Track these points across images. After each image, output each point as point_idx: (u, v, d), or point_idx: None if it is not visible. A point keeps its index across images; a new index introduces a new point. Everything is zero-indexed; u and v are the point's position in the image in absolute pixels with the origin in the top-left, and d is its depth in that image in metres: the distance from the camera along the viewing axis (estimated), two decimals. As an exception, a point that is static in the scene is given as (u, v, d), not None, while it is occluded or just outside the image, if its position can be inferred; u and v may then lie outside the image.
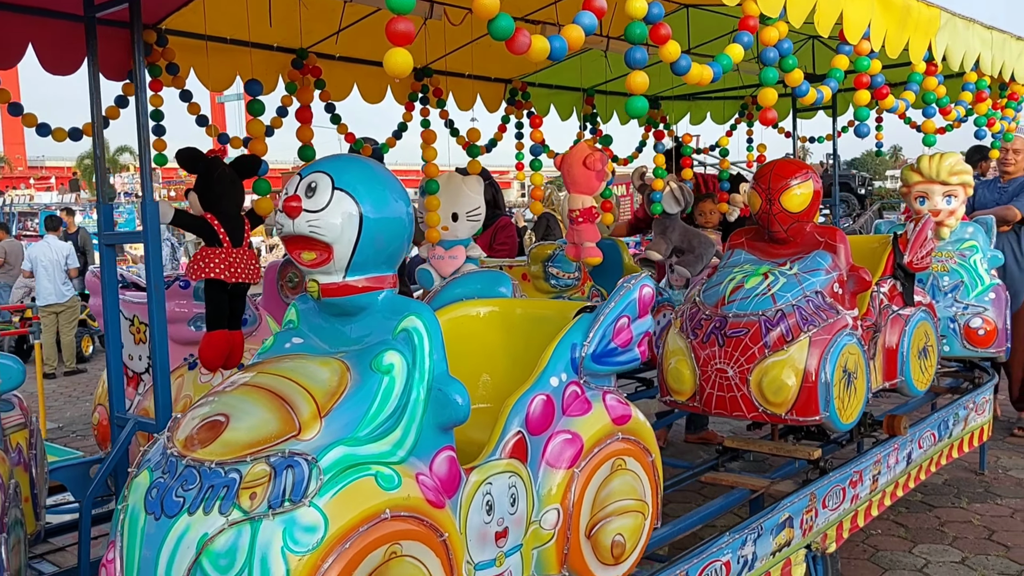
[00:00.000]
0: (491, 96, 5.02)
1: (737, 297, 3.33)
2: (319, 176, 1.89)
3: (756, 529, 2.94)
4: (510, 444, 2.05)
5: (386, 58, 1.73)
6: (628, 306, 2.31)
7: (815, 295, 3.25)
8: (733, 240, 3.71)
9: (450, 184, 3.65)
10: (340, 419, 1.75)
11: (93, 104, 2.72)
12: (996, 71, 3.88)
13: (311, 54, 4.04)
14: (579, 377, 2.25)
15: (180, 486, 1.70)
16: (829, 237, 3.43)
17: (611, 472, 2.24)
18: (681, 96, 6.07)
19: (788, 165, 3.51)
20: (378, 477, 1.72)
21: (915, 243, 3.86)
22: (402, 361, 1.83)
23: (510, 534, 2.02)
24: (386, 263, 1.95)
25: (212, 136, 3.91)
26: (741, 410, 3.24)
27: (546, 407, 2.14)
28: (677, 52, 2.24)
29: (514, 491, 2.03)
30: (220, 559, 1.59)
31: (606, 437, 2.24)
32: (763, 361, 3.16)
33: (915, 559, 4.24)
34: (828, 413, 3.15)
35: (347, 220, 1.85)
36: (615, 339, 2.28)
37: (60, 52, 3.34)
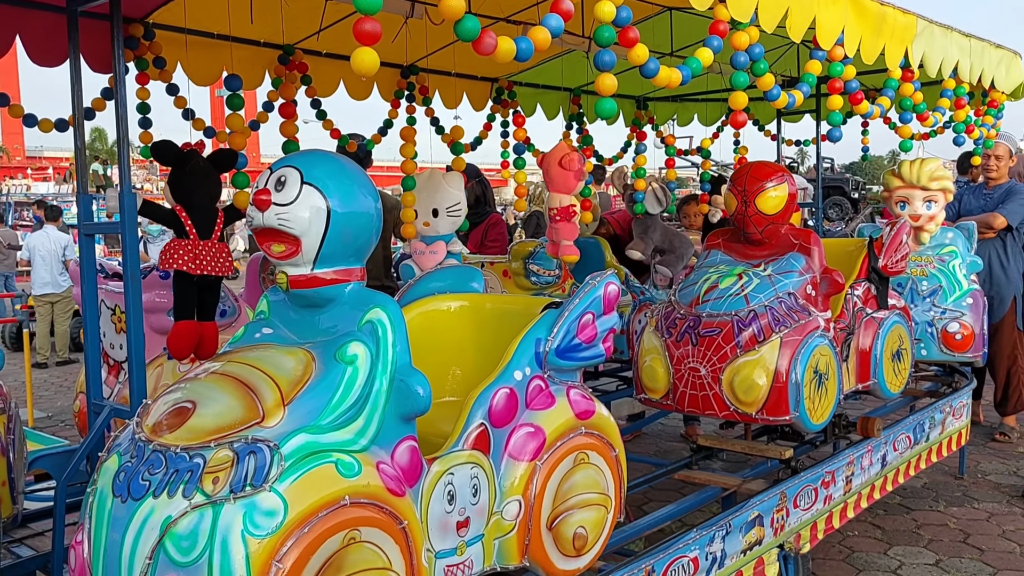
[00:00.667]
0: (477, 95, 5.07)
1: (711, 297, 3.37)
2: (289, 170, 1.94)
3: (724, 526, 2.97)
4: (472, 436, 2.09)
5: (353, 57, 1.78)
6: (593, 303, 2.35)
7: (788, 296, 3.29)
8: (710, 241, 3.75)
9: (431, 181, 3.69)
10: (303, 407, 1.79)
11: (74, 96, 2.76)
12: (975, 78, 3.92)
13: (297, 50, 4.08)
14: (543, 372, 2.29)
15: (147, 470, 1.75)
16: (803, 239, 3.46)
17: (574, 465, 2.28)
18: (668, 97, 6.11)
19: (764, 168, 3.54)
20: (338, 464, 1.76)
21: (890, 247, 3.88)
22: (366, 352, 1.87)
23: (472, 524, 2.06)
24: (354, 256, 2.00)
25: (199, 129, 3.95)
26: (713, 409, 3.28)
27: (509, 400, 2.18)
28: (645, 55, 2.28)
29: (476, 482, 2.07)
30: (183, 541, 1.63)
31: (569, 431, 2.28)
32: (735, 361, 3.20)
33: (890, 560, 4.28)
34: (798, 413, 3.19)
35: (315, 214, 1.90)
36: (579, 335, 2.32)
37: (46, 44, 3.37)
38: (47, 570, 2.80)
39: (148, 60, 3.60)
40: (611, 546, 2.96)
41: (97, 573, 1.76)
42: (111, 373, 3.48)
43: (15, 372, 7.49)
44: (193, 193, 2.98)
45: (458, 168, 4.14)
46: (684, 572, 2.80)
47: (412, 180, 3.66)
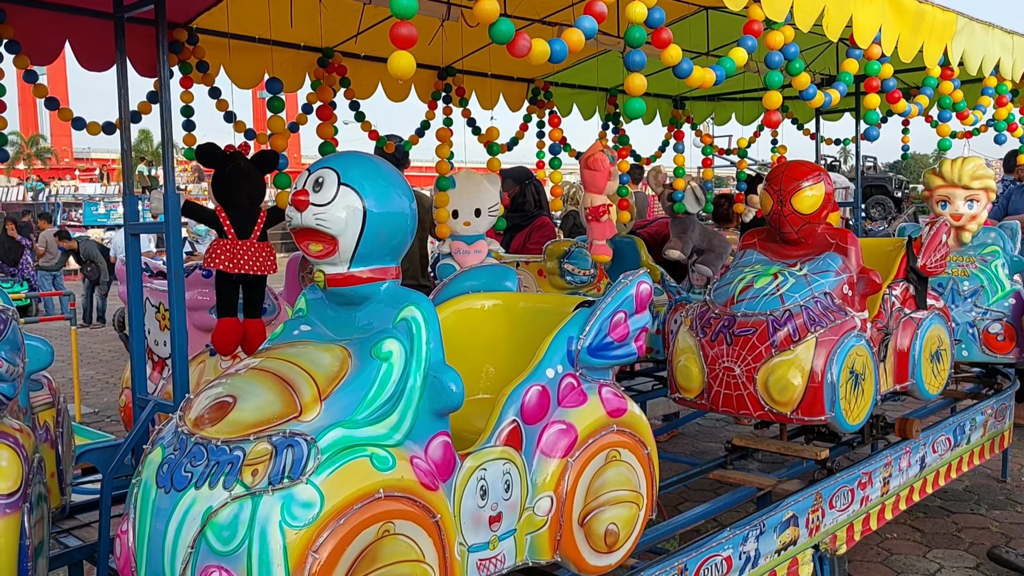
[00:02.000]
0: (514, 95, 5.10)
1: (746, 297, 3.36)
2: (326, 172, 2.00)
3: (759, 526, 2.97)
4: (505, 432, 2.12)
5: (390, 60, 1.82)
6: (625, 302, 2.38)
7: (824, 296, 3.27)
8: (746, 240, 3.74)
9: (471, 181, 3.74)
10: (339, 402, 1.84)
11: (121, 100, 2.84)
12: (1017, 75, 3.86)
13: (336, 53, 4.15)
14: (575, 369, 2.32)
15: (189, 462, 1.81)
16: (840, 239, 3.44)
17: (605, 463, 2.31)
18: (706, 96, 6.09)
19: (800, 167, 3.52)
20: (373, 458, 1.80)
21: (929, 247, 3.84)
22: (400, 349, 1.91)
23: (504, 519, 2.10)
24: (389, 255, 2.05)
25: (240, 131, 4.03)
26: (747, 408, 3.27)
27: (541, 398, 2.21)
28: (679, 55, 2.29)
29: (508, 477, 2.11)
30: (223, 531, 1.69)
31: (601, 428, 2.30)
32: (770, 360, 3.19)
33: (929, 564, 4.23)
34: (834, 414, 3.17)
35: (352, 214, 1.95)
36: (611, 333, 2.35)
37: (95, 49, 3.48)
38: (93, 559, 2.88)
39: (192, 64, 3.69)
40: (645, 544, 2.98)
41: (141, 562, 1.82)
42: (155, 369, 3.57)
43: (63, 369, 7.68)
44: (232, 194, 3.05)
45: (493, 168, 4.18)
46: (717, 571, 2.80)
47: (447, 180, 3.71)
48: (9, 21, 3.23)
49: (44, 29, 3.37)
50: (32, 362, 2.62)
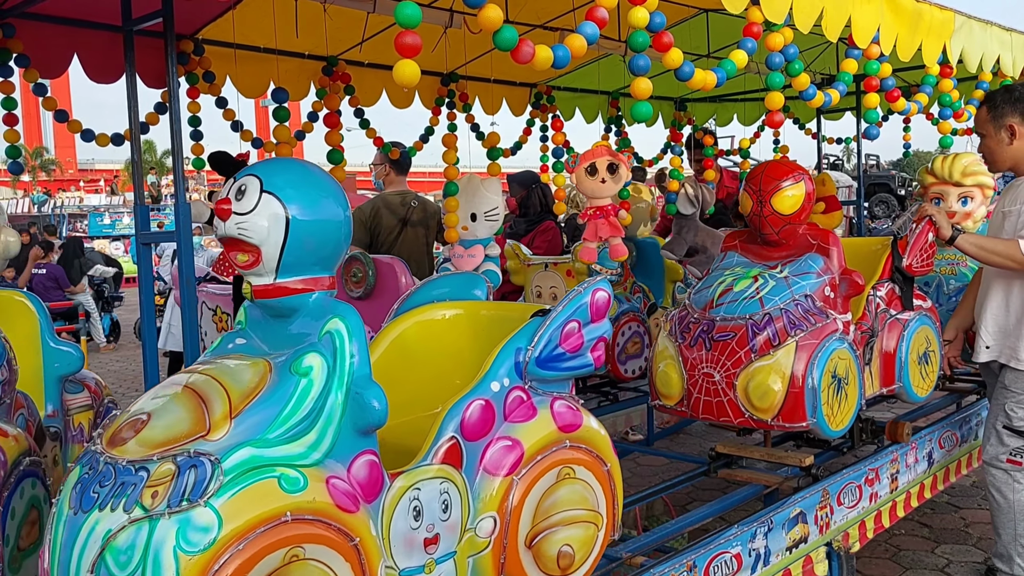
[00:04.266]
0: (516, 100, 5.14)
1: (725, 300, 3.27)
2: (250, 179, 1.91)
3: (766, 523, 2.98)
4: (443, 450, 2.02)
5: (395, 69, 1.86)
6: (578, 310, 2.26)
7: (804, 299, 3.19)
8: (727, 242, 3.64)
9: (469, 186, 3.76)
10: (250, 420, 1.76)
11: (131, 111, 2.88)
12: (1018, 72, 3.88)
13: (341, 61, 4.19)
14: (524, 382, 2.20)
15: (98, 482, 1.73)
16: (822, 240, 3.36)
17: (557, 481, 2.19)
18: (707, 98, 6.13)
19: (779, 166, 3.43)
20: (282, 479, 1.72)
21: (915, 246, 3.69)
22: (322, 363, 1.83)
23: (442, 540, 2.00)
24: (319, 265, 1.96)
25: (247, 140, 4.08)
26: (728, 415, 3.18)
27: (484, 412, 2.10)
28: (680, 59, 2.32)
29: (446, 497, 2.01)
30: (120, 555, 1.61)
31: (551, 445, 2.18)
32: (749, 366, 3.10)
33: (937, 559, 4.25)
34: (815, 419, 3.09)
35: (274, 222, 1.87)
36: (563, 344, 2.23)
37: (103, 61, 3.54)
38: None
39: (198, 75, 3.75)
40: (653, 543, 3.01)
41: None
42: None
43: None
44: None
45: (494, 173, 4.21)
46: (727, 568, 2.82)
47: (454, 185, 3.75)
48: (18, 35, 3.28)
49: (53, 43, 3.43)
50: (62, 366, 2.81)
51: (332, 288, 1.99)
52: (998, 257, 3.47)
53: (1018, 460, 3.54)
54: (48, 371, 2.82)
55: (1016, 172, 3.65)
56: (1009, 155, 3.57)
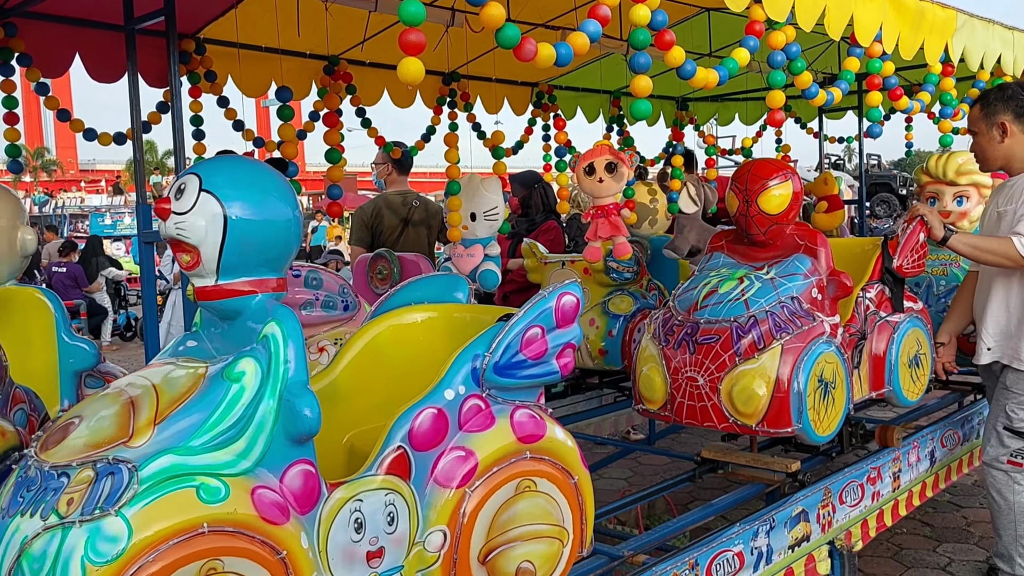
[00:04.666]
0: (518, 99, 5.14)
1: (710, 302, 3.19)
2: (189, 178, 1.86)
3: (768, 521, 2.98)
4: (388, 460, 1.94)
5: (400, 67, 1.86)
6: (542, 315, 2.14)
7: (791, 301, 3.10)
8: (713, 242, 3.56)
9: (469, 185, 3.76)
10: (174, 427, 1.70)
11: (133, 110, 2.89)
12: (1018, 71, 3.88)
13: (342, 60, 4.19)
14: (482, 390, 2.09)
15: (26, 487, 1.71)
16: (809, 240, 3.27)
17: (516, 494, 2.08)
18: (709, 97, 6.13)
19: (766, 165, 3.34)
20: (201, 489, 1.65)
21: (905, 247, 3.59)
22: (256, 369, 1.76)
23: (387, 554, 1.92)
24: (265, 266, 1.90)
25: (249, 139, 4.09)
26: (712, 420, 3.09)
27: (436, 421, 2.01)
28: (682, 57, 2.32)
29: (392, 510, 1.93)
30: (35, 562, 1.59)
31: (509, 456, 2.07)
32: (734, 369, 3.01)
33: (939, 558, 4.25)
34: (801, 425, 2.99)
35: (211, 222, 1.81)
36: (524, 350, 2.12)
37: (105, 61, 3.54)
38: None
39: (200, 74, 3.75)
40: (655, 542, 3.01)
41: None
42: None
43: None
44: None
45: (499, 172, 4.22)
46: (729, 566, 2.82)
47: (456, 184, 3.75)
48: (20, 35, 3.28)
49: (55, 42, 3.43)
50: (77, 362, 2.85)
51: (279, 290, 1.93)
52: (992, 256, 3.44)
53: (1019, 462, 3.52)
54: (64, 366, 2.85)
55: (1008, 171, 3.61)
56: (1000, 153, 3.53)
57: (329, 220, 19.42)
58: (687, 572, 2.66)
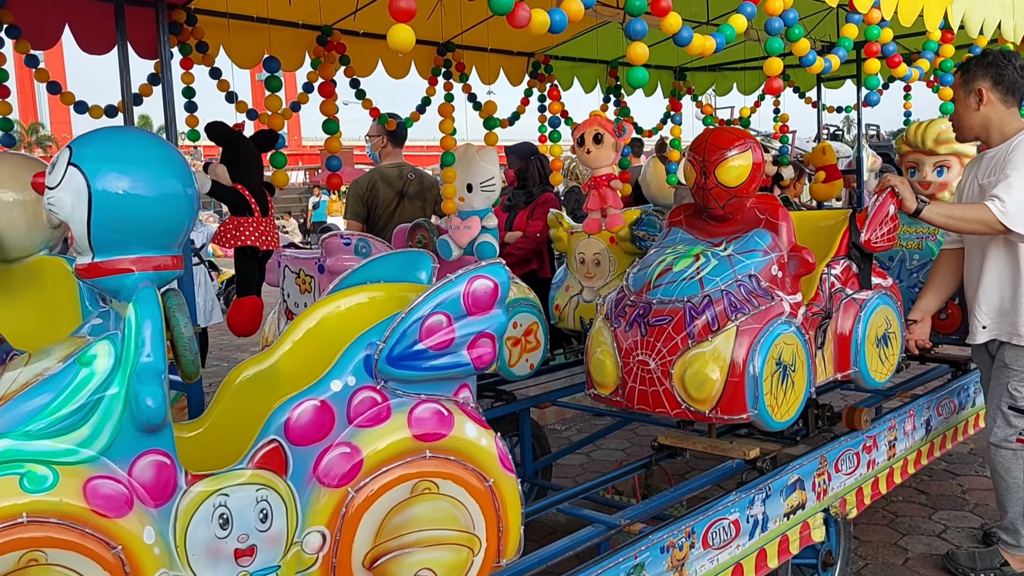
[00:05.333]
0: (514, 70, 5.10)
1: (663, 281, 3.01)
2: (63, 151, 1.77)
3: (764, 489, 3.00)
4: (260, 454, 1.84)
5: (390, 34, 1.83)
6: (446, 302, 1.94)
7: (748, 279, 2.94)
8: (672, 217, 3.37)
9: (464, 156, 3.73)
10: (16, 410, 1.63)
11: (123, 82, 2.86)
12: (1018, 38, 3.84)
13: (335, 31, 4.15)
14: (376, 382, 1.94)
15: None
16: (770, 214, 3.09)
17: (412, 496, 1.92)
18: (707, 67, 6.08)
19: (724, 134, 3.14)
20: (25, 477, 1.57)
21: (874, 220, 3.39)
22: (109, 352, 1.69)
23: (259, 553, 1.83)
24: (143, 244, 1.79)
25: (242, 111, 4.05)
26: (664, 406, 2.94)
27: (318, 415, 1.88)
28: (678, 24, 2.29)
29: (266, 506, 1.83)
30: None
31: (403, 454, 1.91)
32: (686, 353, 2.85)
33: (934, 525, 4.29)
34: (757, 411, 2.84)
35: (76, 197, 1.72)
36: (424, 340, 1.93)
37: (94, 32, 3.49)
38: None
39: (191, 45, 3.70)
40: (651, 512, 3.03)
41: None
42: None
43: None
44: (248, 172, 3.09)
45: (490, 143, 4.19)
46: (725, 534, 2.84)
47: (451, 156, 3.72)
48: (9, 6, 3.25)
49: (44, 13, 3.39)
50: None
51: (165, 269, 1.83)
52: (969, 224, 3.34)
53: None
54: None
55: (985, 142, 3.51)
56: (977, 122, 3.44)
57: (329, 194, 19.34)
58: (683, 540, 2.68)
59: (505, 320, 2.03)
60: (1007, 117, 3.44)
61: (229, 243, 3.12)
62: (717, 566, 2.82)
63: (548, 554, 2.65)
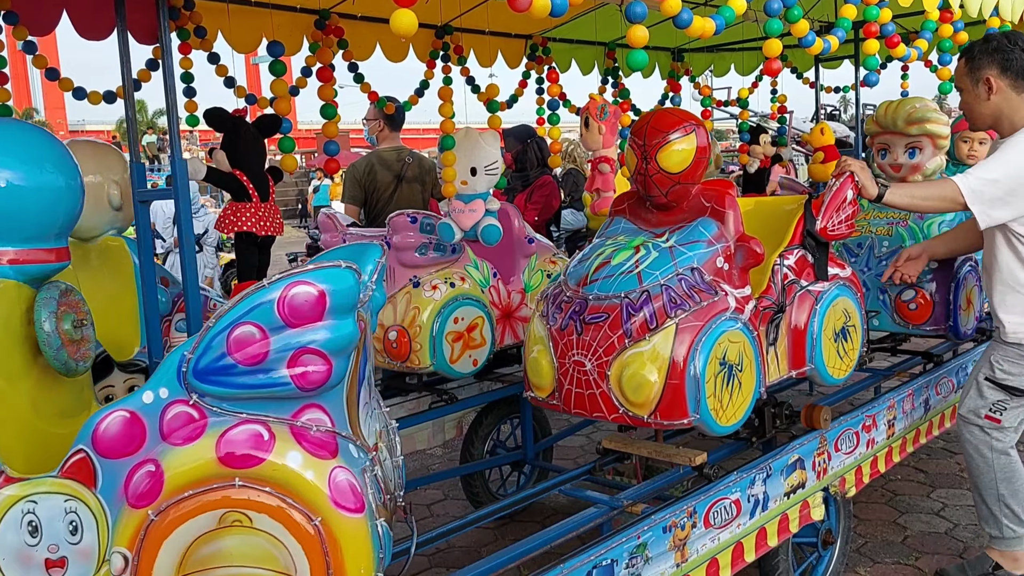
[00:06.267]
0: (512, 52, 5.09)
1: (600, 276, 2.79)
2: None
3: (765, 469, 3.03)
4: (69, 463, 1.73)
5: (393, 19, 1.84)
6: (254, 312, 1.70)
7: (690, 272, 2.73)
8: (615, 205, 3.15)
9: (467, 139, 3.73)
10: None
11: (123, 67, 2.85)
12: (1016, 17, 3.84)
13: (333, 14, 4.13)
14: (189, 395, 1.74)
15: None
16: (716, 202, 2.88)
17: (220, 527, 1.71)
18: (704, 48, 6.07)
19: (667, 116, 2.93)
20: None
21: (830, 206, 3.15)
22: None
23: (70, 566, 1.73)
24: (3, 237, 1.80)
25: (241, 96, 4.04)
26: (601, 410, 2.73)
27: (126, 427, 1.73)
28: (678, 6, 2.29)
29: (75, 518, 1.72)
30: None
31: (209, 479, 1.70)
32: (623, 353, 2.64)
33: (932, 503, 4.33)
34: (699, 415, 2.63)
35: None
36: (233, 353, 1.70)
37: (92, 17, 3.48)
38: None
39: (189, 30, 3.69)
40: (653, 492, 3.05)
41: None
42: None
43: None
44: (248, 157, 3.10)
45: (493, 126, 4.19)
46: (726, 513, 2.87)
47: (451, 139, 3.72)
48: (6, -8, 3.23)
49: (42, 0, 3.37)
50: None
51: (28, 263, 1.81)
52: (933, 202, 3.20)
53: (996, 417, 3.33)
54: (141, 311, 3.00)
55: (998, 130, 3.35)
56: (988, 111, 3.26)
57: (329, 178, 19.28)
58: (685, 520, 2.71)
59: (348, 333, 1.74)
60: (1018, 105, 3.23)
61: (228, 228, 3.14)
62: (718, 545, 2.85)
63: (551, 535, 2.68)
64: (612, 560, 2.48)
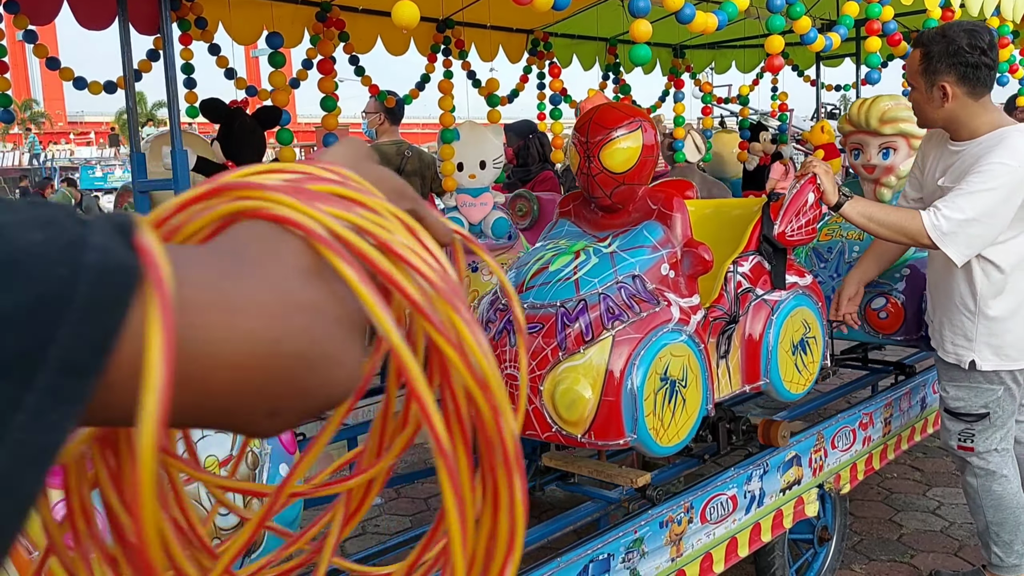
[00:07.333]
0: (513, 47, 5.09)
1: (537, 283, 2.59)
2: None
3: (762, 466, 3.03)
4: None
5: (395, 10, 1.85)
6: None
7: (631, 280, 2.52)
8: (561, 207, 2.93)
9: (475, 133, 3.73)
10: None
11: (124, 57, 2.85)
12: (1018, 16, 3.85)
13: (334, 7, 4.13)
14: None
15: None
16: (664, 205, 2.66)
17: None
18: (706, 45, 6.07)
19: (611, 112, 2.69)
20: None
21: (789, 210, 2.90)
22: None
23: None
24: None
25: (241, 88, 4.04)
26: (534, 428, 2.50)
27: None
28: (681, 1, 2.30)
29: None
30: None
31: None
32: (557, 367, 2.44)
33: (928, 501, 4.34)
34: (636, 435, 2.40)
35: None
36: None
37: (93, 8, 3.48)
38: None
39: (190, 21, 3.69)
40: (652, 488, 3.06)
41: None
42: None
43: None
44: (242, 149, 3.09)
45: (493, 120, 4.20)
46: (723, 509, 2.88)
47: (452, 132, 3.72)
48: (7, -19, 3.23)
49: (42, -12, 3.37)
50: None
51: None
52: (889, 233, 2.95)
53: (968, 446, 3.20)
54: None
55: (952, 135, 3.06)
56: (941, 116, 2.99)
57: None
58: (682, 515, 2.71)
59: None
60: (976, 111, 2.95)
61: None
62: (713, 540, 2.86)
63: (547, 530, 2.68)
64: (608, 554, 2.48)
